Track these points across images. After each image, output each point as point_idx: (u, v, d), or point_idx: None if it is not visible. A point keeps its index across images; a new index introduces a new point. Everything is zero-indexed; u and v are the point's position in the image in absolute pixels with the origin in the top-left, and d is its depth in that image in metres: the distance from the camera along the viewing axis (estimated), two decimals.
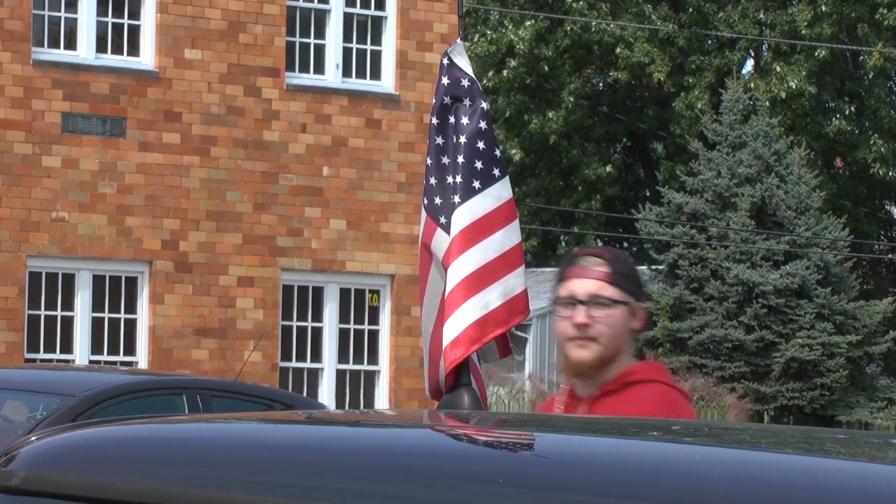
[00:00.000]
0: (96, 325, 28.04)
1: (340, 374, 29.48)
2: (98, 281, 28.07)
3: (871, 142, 49.80)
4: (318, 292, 29.52)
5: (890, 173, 50.58)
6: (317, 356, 29.43)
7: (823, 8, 48.68)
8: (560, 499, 2.81)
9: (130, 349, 28.20)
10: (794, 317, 40.89)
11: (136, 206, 28.10)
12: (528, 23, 50.62)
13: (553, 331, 6.01)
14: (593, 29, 50.36)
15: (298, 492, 2.96)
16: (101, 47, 28.13)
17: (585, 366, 5.67)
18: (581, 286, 5.75)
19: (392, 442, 3.27)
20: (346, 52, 29.78)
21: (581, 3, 50.32)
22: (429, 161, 9.65)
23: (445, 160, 9.57)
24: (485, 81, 49.52)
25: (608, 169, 53.13)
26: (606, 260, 5.83)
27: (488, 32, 50.30)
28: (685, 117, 49.12)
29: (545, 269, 48.83)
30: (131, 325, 28.31)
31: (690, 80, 50.28)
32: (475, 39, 49.22)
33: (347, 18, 29.75)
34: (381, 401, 29.11)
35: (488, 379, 16.92)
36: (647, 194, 49.33)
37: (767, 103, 45.34)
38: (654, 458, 3.03)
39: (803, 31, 48.81)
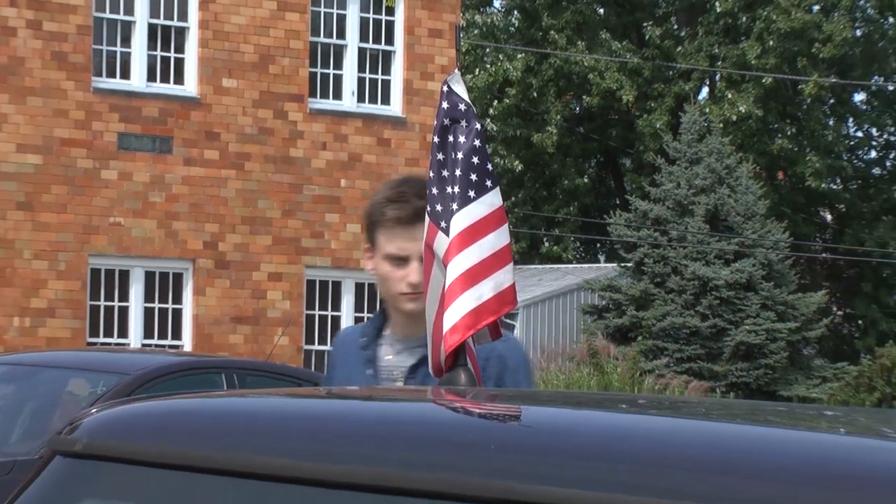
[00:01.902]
0: (147, 314, 28.02)
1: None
2: (149, 276, 28.04)
3: (808, 158, 49.71)
4: (337, 286, 29.47)
5: (823, 185, 50.53)
6: (328, 342, 29.36)
7: (770, 43, 48.58)
8: (544, 462, 2.80)
9: (177, 334, 28.17)
10: (742, 307, 40.82)
11: (182, 212, 28.07)
12: (519, 55, 50.60)
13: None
14: (572, 61, 50.24)
15: (321, 456, 2.95)
16: (151, 76, 28.07)
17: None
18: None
19: (400, 413, 3.26)
20: (360, 81, 29.74)
21: (562, 39, 50.26)
22: (431, 174, 9.60)
23: (445, 173, 9.53)
24: (490, 110, 49.66)
25: (584, 180, 53.12)
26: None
27: (487, 66, 50.25)
28: (649, 136, 49.04)
29: (531, 266, 48.76)
30: (177, 314, 28.26)
31: (653, 105, 50.19)
32: (476, 73, 49.17)
33: (361, 52, 29.70)
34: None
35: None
36: (617, 202, 49.21)
37: (720, 125, 45.23)
38: (624, 426, 3.02)
39: (752, 63, 48.74)
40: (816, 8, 49.50)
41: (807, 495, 2.56)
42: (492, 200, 9.37)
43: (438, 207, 9.37)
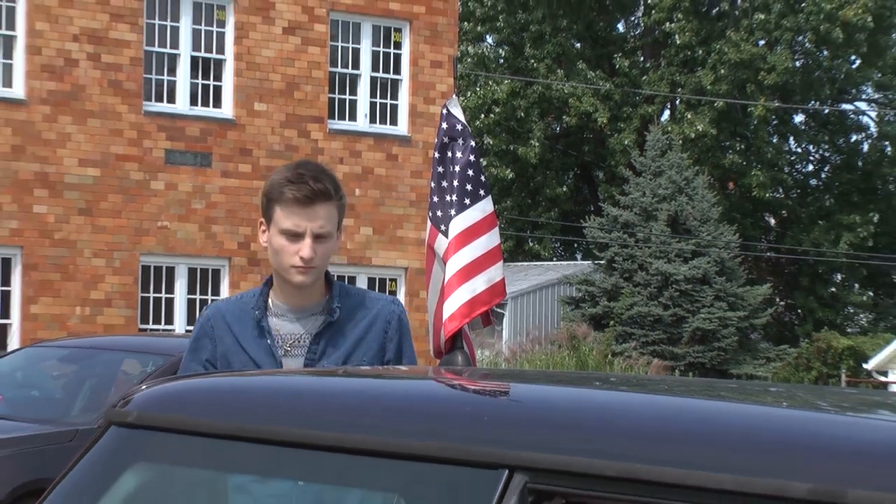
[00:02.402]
0: (190, 304, 27.99)
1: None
2: (191, 272, 28.01)
3: (755, 171, 49.68)
4: (352, 280, 29.43)
5: (767, 194, 50.49)
6: None
7: (722, 72, 48.56)
8: (530, 433, 2.80)
9: None
10: (698, 298, 40.86)
11: (219, 217, 28.05)
12: (505, 82, 50.58)
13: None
14: (553, 87, 50.20)
15: (337, 424, 2.95)
16: (193, 101, 28.04)
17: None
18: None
19: (406, 388, 3.26)
20: (372, 105, 29.71)
21: (544, 68, 50.24)
22: (432, 185, 9.63)
23: (444, 184, 9.55)
24: (477, 123, 49.61)
25: (563, 189, 53.10)
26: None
27: (478, 90, 50.26)
28: (619, 152, 49.02)
29: (518, 263, 48.71)
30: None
31: (622, 125, 50.18)
32: (468, 95, 49.17)
33: (373, 80, 29.68)
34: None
35: (476, 344, 16.94)
36: (592, 208, 49.17)
37: (680, 142, 45.27)
38: (599, 400, 3.02)
39: (707, 88, 48.71)
40: (762, 42, 49.47)
41: (752, 458, 2.56)
42: (484, 207, 9.43)
43: (438, 213, 9.43)
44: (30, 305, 26.48)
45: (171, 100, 27.90)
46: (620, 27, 55.22)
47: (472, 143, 9.38)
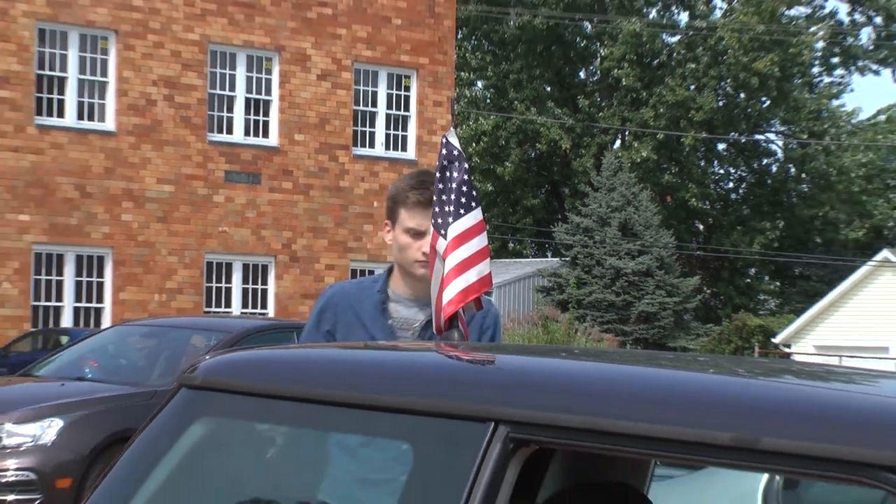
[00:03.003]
0: (244, 292, 27.99)
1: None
2: (245, 267, 28.00)
3: (688, 188, 49.71)
4: (372, 273, 29.47)
5: (697, 205, 50.53)
6: None
7: (661, 110, 48.60)
8: (510, 394, 2.79)
9: (264, 306, 28.13)
10: (643, 287, 40.87)
11: (267, 224, 28.03)
12: (491, 117, 50.64)
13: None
14: (528, 121, 50.26)
15: (359, 386, 2.94)
16: (247, 132, 28.04)
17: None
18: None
19: (414, 358, 3.25)
20: (387, 136, 29.71)
21: (522, 107, 50.27)
22: (434, 198, 9.59)
23: (444, 198, 9.48)
24: (470, 150, 49.71)
25: (537, 201, 53.16)
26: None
27: (470, 124, 50.30)
28: (580, 172, 49.04)
29: (502, 260, 48.68)
30: (264, 293, 28.22)
31: (583, 151, 50.23)
32: (462, 128, 49.23)
33: (388, 116, 29.67)
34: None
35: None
36: (559, 217, 49.16)
37: (628, 165, 45.28)
38: (565, 367, 3.01)
39: (649, 123, 48.73)
40: (693, 87, 49.49)
41: (685, 412, 2.55)
42: (476, 215, 9.39)
43: (439, 220, 9.39)
44: (119, 293, 26.48)
45: (230, 131, 27.90)
46: (582, 74, 55.21)
47: (466, 166, 9.41)
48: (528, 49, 51.35)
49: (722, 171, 54.81)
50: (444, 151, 10.76)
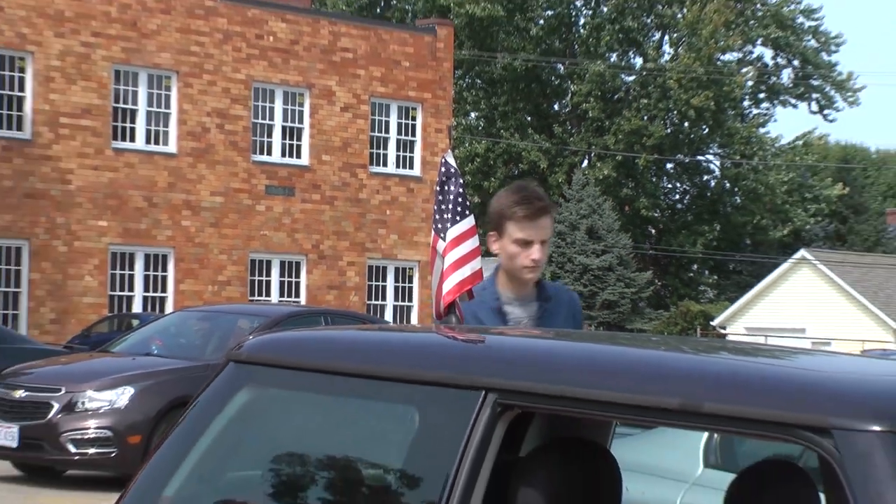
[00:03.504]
0: (281, 284, 28.03)
1: (398, 308, 29.41)
2: (282, 264, 28.06)
3: (641, 199, 49.74)
4: (385, 269, 29.47)
5: (649, 214, 50.55)
6: (384, 298, 29.34)
7: (620, 136, 48.66)
8: (498, 368, 2.78)
9: (297, 295, 28.18)
10: (606, 280, 40.91)
11: (299, 228, 28.08)
12: (482, 142, 50.65)
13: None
14: (513, 145, 50.31)
15: (374, 360, 2.94)
16: (283, 153, 28.12)
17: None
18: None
19: (419, 337, 3.25)
20: (397, 157, 29.78)
21: (508, 133, 50.31)
22: (435, 208, 9.55)
23: (443, 207, 9.47)
24: (464, 169, 49.68)
25: None
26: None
27: (465, 147, 50.29)
28: (555, 187, 49.03)
29: (491, 258, 48.65)
30: (297, 285, 28.28)
31: (557, 169, 50.22)
32: (458, 151, 49.27)
33: (398, 141, 29.76)
34: (413, 320, 29.07)
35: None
36: None
37: (594, 180, 45.32)
38: (542, 346, 3.01)
39: (611, 146, 48.77)
40: (646, 117, 49.52)
41: (641, 381, 2.55)
42: (469, 221, 9.38)
43: (439, 225, 9.39)
44: (179, 285, 26.51)
45: (269, 153, 27.95)
46: (556, 107, 55.19)
47: (461, 181, 9.44)
48: (512, 86, 51.36)
49: (670, 186, 54.81)
50: (443, 170, 10.75)
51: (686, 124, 51.20)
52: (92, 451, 11.90)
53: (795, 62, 52.91)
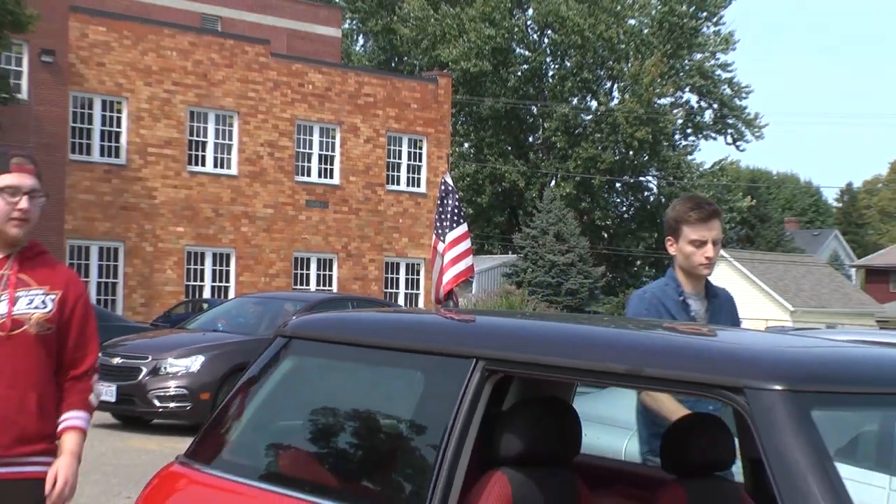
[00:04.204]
0: (318, 277, 27.99)
1: (408, 295, 29.38)
2: (318, 261, 28.01)
3: (596, 211, 49.68)
4: (398, 265, 29.44)
5: (604, 222, 50.47)
6: (398, 287, 29.32)
7: (579, 162, 48.60)
8: (486, 340, 2.77)
9: (330, 285, 28.14)
10: (569, 273, 40.83)
11: (332, 233, 28.03)
12: (472, 166, 50.58)
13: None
14: (497, 168, 50.27)
15: (390, 335, 2.93)
16: (320, 175, 28.12)
17: (21, 239, 3.06)
18: (24, 181, 3.02)
19: (424, 318, 3.24)
20: (408, 178, 29.73)
21: (493, 158, 50.25)
22: (435, 217, 9.55)
23: (443, 216, 9.48)
24: (459, 186, 49.56)
25: (502, 219, 53.03)
26: (34, 162, 3.09)
27: (460, 169, 50.20)
28: (529, 200, 48.99)
29: (481, 256, 48.56)
30: (330, 277, 28.22)
31: (532, 187, 50.16)
32: (454, 173, 49.14)
33: (408, 166, 29.69)
34: (420, 304, 29.05)
35: (459, 297, 17.02)
36: (517, 228, 49.14)
37: (560, 196, 45.26)
38: (520, 323, 3.00)
39: (571, 170, 48.69)
40: (600, 147, 49.47)
41: (596, 351, 2.54)
42: (463, 227, 9.44)
43: (439, 231, 9.44)
44: (239, 277, 26.49)
45: (309, 175, 27.93)
46: (530, 139, 55.14)
47: (457, 196, 9.45)
48: (496, 123, 51.33)
49: (618, 201, 54.72)
50: (442, 187, 10.71)
51: (630, 153, 51.17)
52: (172, 405, 11.89)
53: (714, 105, 52.93)
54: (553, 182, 52.39)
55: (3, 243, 3.04)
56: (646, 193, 54.48)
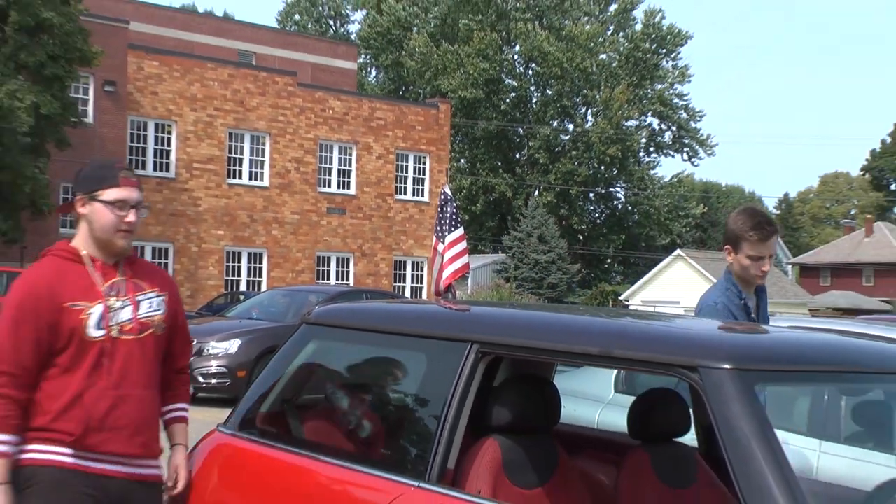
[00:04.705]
0: (336, 273, 27.92)
1: (413, 288, 29.33)
2: (338, 259, 27.93)
3: (573, 217, 49.68)
4: (405, 262, 29.38)
5: (580, 226, 50.31)
6: (405, 282, 29.26)
7: (559, 175, 48.46)
8: (480, 326, 2.76)
9: (347, 279, 28.08)
10: (550, 270, 40.76)
11: (350, 235, 27.95)
12: (468, 179, 50.46)
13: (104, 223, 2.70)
14: (489, 183, 50.17)
15: (398, 322, 2.92)
16: (339, 187, 28.00)
17: (126, 249, 2.75)
18: (131, 194, 2.70)
19: (427, 308, 3.23)
20: (413, 189, 29.64)
21: (484, 172, 50.15)
22: (437, 222, 9.52)
23: (443, 221, 9.45)
24: (456, 195, 49.41)
25: (493, 224, 52.93)
26: (136, 176, 2.78)
27: (457, 182, 50.09)
28: (517, 208, 48.90)
29: (475, 255, 48.43)
30: (347, 273, 28.15)
31: (518, 197, 50.07)
32: (452, 185, 49.03)
33: (414, 178, 29.60)
34: (424, 296, 29.01)
35: (456, 289, 16.97)
36: (506, 232, 49.08)
37: (543, 204, 45.18)
38: (510, 312, 2.98)
39: (552, 182, 48.62)
40: (576, 163, 49.40)
41: (574, 335, 2.53)
42: (460, 231, 9.41)
43: (439, 233, 9.42)
44: (270, 273, 26.44)
45: (329, 186, 27.87)
46: (517, 156, 55.09)
47: (455, 204, 9.42)
48: (488, 142, 51.27)
49: (592, 208, 54.67)
50: (442, 196, 10.65)
51: (602, 167, 51.13)
52: (213, 381, 11.89)
53: (673, 127, 52.95)
54: (536, 192, 52.33)
55: (110, 253, 2.74)
56: (615, 202, 54.43)
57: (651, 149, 53.54)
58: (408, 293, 28.70)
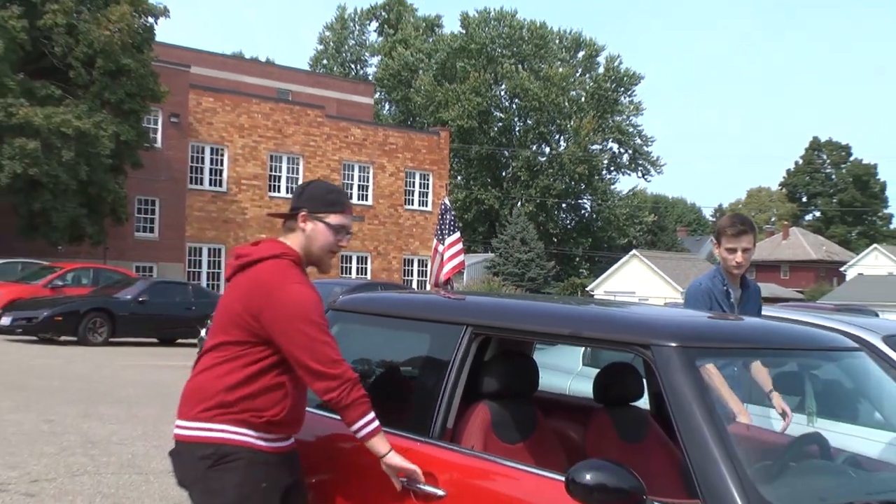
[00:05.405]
0: (356, 269, 27.84)
1: (419, 282, 29.23)
2: (357, 257, 27.85)
3: (549, 224, 49.34)
4: (413, 260, 29.32)
5: (555, 230, 50.12)
6: (412, 276, 29.19)
7: (538, 190, 48.33)
8: (474, 311, 2.76)
9: (366, 274, 28.02)
10: (530, 266, 40.56)
11: (367, 238, 27.85)
12: (463, 193, 50.36)
13: (324, 242, 2.69)
14: (480, 197, 50.02)
15: (407, 309, 2.92)
16: (358, 198, 27.93)
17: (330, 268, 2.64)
18: (352, 221, 2.63)
19: (430, 298, 3.23)
20: (419, 200, 29.56)
21: (477, 187, 50.04)
22: (437, 227, 9.49)
23: (443, 226, 9.43)
24: (454, 206, 49.12)
25: (483, 229, 52.86)
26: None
27: (454, 195, 49.93)
28: (504, 217, 48.74)
29: (470, 254, 48.09)
30: (365, 269, 28.08)
31: (505, 208, 49.93)
32: (451, 198, 48.82)
33: (418, 192, 29.53)
34: (427, 288, 28.97)
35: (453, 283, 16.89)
36: (495, 235, 48.95)
37: (524, 213, 45.01)
38: (497, 300, 2.97)
39: (533, 196, 48.48)
40: (552, 179, 49.30)
41: (552, 320, 2.53)
42: (457, 234, 9.40)
43: (439, 236, 9.42)
44: None
45: (351, 198, 27.68)
46: (504, 174, 54.94)
47: (452, 213, 9.42)
48: (480, 162, 51.20)
49: (564, 216, 54.58)
50: (442, 207, 10.60)
51: (573, 183, 51.06)
52: None
53: (629, 151, 53.03)
54: (519, 203, 52.17)
55: (318, 267, 2.56)
56: (583, 211, 54.34)
57: (612, 168, 53.54)
58: (415, 285, 28.65)
